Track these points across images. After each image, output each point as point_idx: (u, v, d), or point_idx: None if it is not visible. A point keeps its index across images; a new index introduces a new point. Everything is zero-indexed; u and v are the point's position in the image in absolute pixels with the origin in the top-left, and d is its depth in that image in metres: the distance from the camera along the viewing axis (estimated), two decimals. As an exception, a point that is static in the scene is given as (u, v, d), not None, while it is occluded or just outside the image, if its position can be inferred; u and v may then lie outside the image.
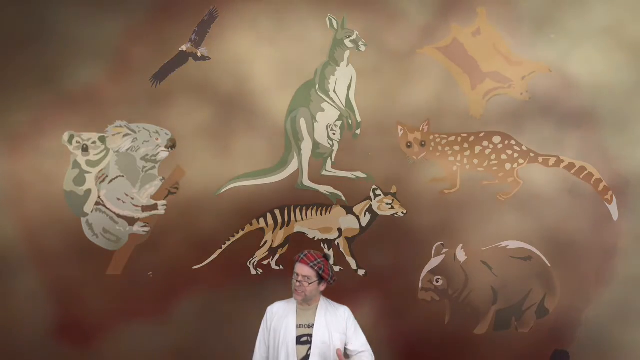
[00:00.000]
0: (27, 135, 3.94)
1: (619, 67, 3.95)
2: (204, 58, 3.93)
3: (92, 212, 3.93)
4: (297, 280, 3.04)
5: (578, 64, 3.91)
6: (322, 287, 3.07)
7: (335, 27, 3.98)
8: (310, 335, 3.00)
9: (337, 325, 3.05)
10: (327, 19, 3.96)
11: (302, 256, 3.06)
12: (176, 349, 3.93)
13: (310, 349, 2.97)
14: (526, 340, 3.89)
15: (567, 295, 3.91)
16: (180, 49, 3.94)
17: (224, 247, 3.94)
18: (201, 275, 3.90)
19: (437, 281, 3.93)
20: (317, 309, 3.08)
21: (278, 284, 3.87)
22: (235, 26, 3.98)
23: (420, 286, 3.94)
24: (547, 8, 3.93)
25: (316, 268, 2.99)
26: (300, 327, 3.01)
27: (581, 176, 3.85)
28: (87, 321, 3.91)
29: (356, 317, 3.44)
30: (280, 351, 2.96)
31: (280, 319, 3.08)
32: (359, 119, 4.03)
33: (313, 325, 3.03)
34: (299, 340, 2.97)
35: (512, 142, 3.91)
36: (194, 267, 3.90)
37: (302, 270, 3.01)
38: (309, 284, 2.99)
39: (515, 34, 3.98)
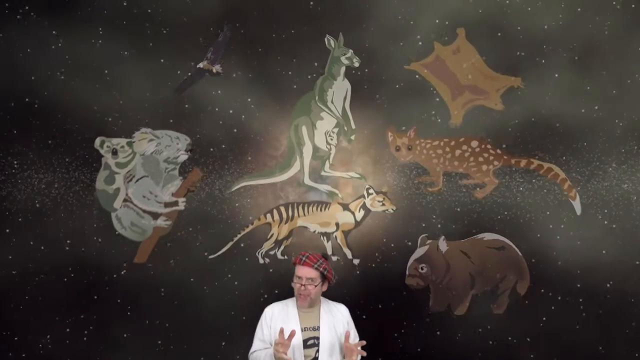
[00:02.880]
0: (65, 140, 4.11)
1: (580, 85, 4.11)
2: (218, 74, 4.09)
3: (120, 207, 4.10)
4: (301, 285, 2.89)
5: (547, 79, 4.09)
6: (325, 288, 3.01)
7: (333, 46, 4.15)
8: (317, 338, 2.92)
9: (340, 324, 3.00)
10: (326, 39, 4.13)
11: (304, 259, 2.93)
12: (194, 323, 4.06)
13: (318, 351, 2.89)
14: (501, 320, 4.07)
15: (536, 279, 4.08)
16: (197, 66, 4.09)
17: (235, 239, 4.10)
18: (216, 263, 4.08)
19: (422, 268, 4.10)
20: (319, 310, 2.99)
21: (283, 271, 4.07)
22: (246, 47, 4.12)
23: (407, 273, 4.11)
24: (515, 31, 4.09)
25: (320, 269, 2.91)
26: (305, 330, 2.92)
27: (549, 176, 4.07)
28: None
29: (352, 300, 3.80)
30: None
31: (282, 322, 2.92)
32: (353, 126, 4.21)
33: (318, 327, 2.93)
34: (306, 344, 2.89)
35: (488, 146, 4.11)
36: (210, 257, 4.08)
37: (306, 272, 2.90)
38: (314, 286, 2.90)
39: (489, 52, 4.14)
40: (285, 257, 4.08)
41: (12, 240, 4.08)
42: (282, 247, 4.13)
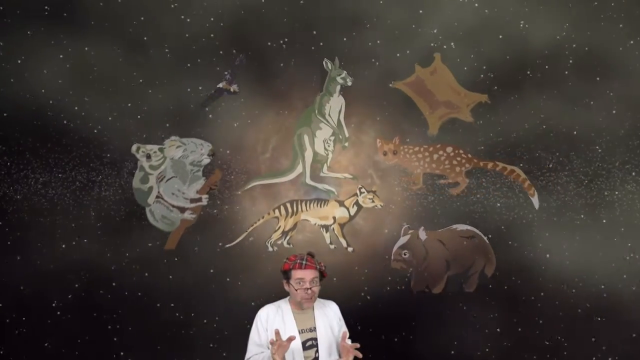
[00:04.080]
0: (107, 145, 4.33)
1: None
2: (235, 92, 4.36)
3: (153, 203, 4.31)
4: (305, 288, 2.75)
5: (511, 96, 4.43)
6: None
7: (330, 68, 4.43)
8: (315, 339, 2.81)
9: (334, 322, 2.96)
10: (324, 62, 4.43)
11: (304, 262, 2.81)
12: (214, 300, 4.31)
13: (317, 351, 2.80)
14: (471, 297, 4.44)
15: (501, 263, 4.43)
16: (218, 86, 4.35)
17: (249, 230, 4.38)
18: (232, 251, 4.38)
19: (405, 254, 4.39)
20: (313, 310, 2.87)
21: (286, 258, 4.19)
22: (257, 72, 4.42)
23: (392, 258, 4.39)
24: (485, 55, 4.42)
25: (319, 267, 2.88)
26: (302, 332, 2.80)
27: (512, 176, 4.44)
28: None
29: (346, 283, 4.18)
30: (286, 359, 2.70)
31: (278, 325, 2.78)
32: (347, 135, 4.49)
33: (314, 328, 2.82)
34: (305, 346, 2.78)
35: (461, 151, 4.45)
36: (227, 246, 4.38)
37: (310, 274, 2.78)
38: (317, 285, 2.82)
39: (461, 73, 4.46)
40: (291, 245, 4.38)
41: (11, 240, 4.18)
42: (288, 237, 4.42)
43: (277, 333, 2.63)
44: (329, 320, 2.88)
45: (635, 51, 4.47)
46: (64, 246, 4.25)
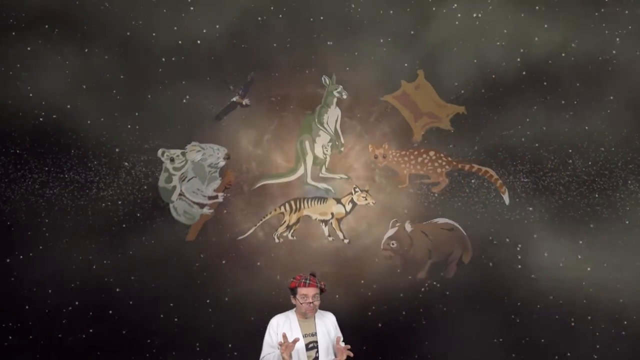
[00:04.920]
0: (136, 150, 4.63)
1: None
2: (247, 106, 4.73)
3: (176, 200, 4.65)
4: (308, 302, 3.15)
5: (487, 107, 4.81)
6: None
7: (328, 83, 4.80)
8: (316, 342, 3.21)
9: (332, 329, 3.34)
10: (322, 79, 4.81)
11: (307, 282, 3.20)
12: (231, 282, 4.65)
13: (317, 351, 3.21)
14: (450, 281, 4.86)
15: (476, 251, 4.83)
16: (231, 100, 4.71)
17: (258, 224, 4.75)
18: (244, 242, 4.75)
19: (393, 244, 4.75)
20: (314, 319, 3.27)
21: (290, 248, 4.78)
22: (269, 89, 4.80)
23: (382, 247, 4.78)
24: (459, 72, 4.85)
25: (319, 285, 3.25)
26: (305, 336, 3.22)
27: (486, 176, 4.88)
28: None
29: (343, 268, 4.60)
30: (292, 358, 3.09)
31: (286, 330, 3.17)
32: (342, 141, 4.86)
33: (315, 333, 3.22)
34: (307, 347, 3.21)
35: (441, 154, 4.87)
36: (239, 238, 4.74)
37: (312, 291, 3.19)
38: (318, 299, 3.23)
39: (441, 87, 4.89)
40: (295, 237, 4.77)
41: (10, 240, 4.23)
42: (292, 231, 4.79)
43: (285, 336, 3.08)
44: (327, 327, 3.30)
45: (635, 52, 4.71)
46: (62, 246, 4.32)
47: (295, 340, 3.05)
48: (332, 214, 4.84)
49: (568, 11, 4.83)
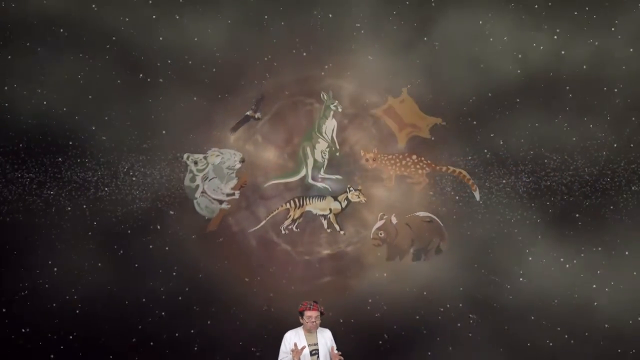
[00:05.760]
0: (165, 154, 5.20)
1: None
2: (259, 119, 5.40)
3: (199, 197, 5.30)
4: (312, 321, 3.98)
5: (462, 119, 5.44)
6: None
7: (326, 98, 5.47)
8: (317, 350, 4.03)
9: (328, 340, 4.12)
10: (321, 95, 5.50)
11: (311, 307, 4.00)
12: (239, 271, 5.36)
13: (318, 357, 4.04)
14: (427, 265, 5.56)
15: (453, 241, 5.54)
16: (245, 114, 5.39)
17: (267, 218, 5.47)
18: (254, 234, 5.49)
19: (381, 234, 5.47)
20: (316, 334, 4.08)
21: (295, 239, 5.50)
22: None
23: (371, 237, 5.50)
24: (440, 87, 5.50)
25: (321, 309, 4.06)
26: (310, 345, 4.03)
27: (460, 176, 5.56)
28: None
29: (339, 254, 5.34)
30: None
31: (296, 340, 4.00)
32: (338, 147, 5.57)
33: (317, 344, 4.04)
34: (311, 353, 4.01)
35: (423, 158, 5.57)
36: (250, 231, 5.48)
37: (314, 313, 3.98)
38: (319, 319, 4.03)
39: (423, 102, 5.54)
40: (298, 230, 5.47)
41: (8, 240, 4.29)
42: (296, 224, 5.53)
43: (295, 345, 3.99)
44: (325, 339, 4.13)
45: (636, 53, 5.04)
46: (60, 246, 4.40)
47: (303, 348, 3.97)
48: (330, 209, 5.54)
49: (568, 11, 5.10)
